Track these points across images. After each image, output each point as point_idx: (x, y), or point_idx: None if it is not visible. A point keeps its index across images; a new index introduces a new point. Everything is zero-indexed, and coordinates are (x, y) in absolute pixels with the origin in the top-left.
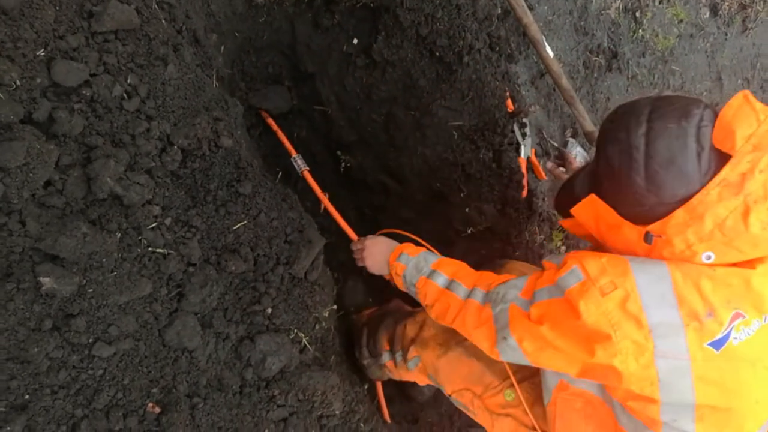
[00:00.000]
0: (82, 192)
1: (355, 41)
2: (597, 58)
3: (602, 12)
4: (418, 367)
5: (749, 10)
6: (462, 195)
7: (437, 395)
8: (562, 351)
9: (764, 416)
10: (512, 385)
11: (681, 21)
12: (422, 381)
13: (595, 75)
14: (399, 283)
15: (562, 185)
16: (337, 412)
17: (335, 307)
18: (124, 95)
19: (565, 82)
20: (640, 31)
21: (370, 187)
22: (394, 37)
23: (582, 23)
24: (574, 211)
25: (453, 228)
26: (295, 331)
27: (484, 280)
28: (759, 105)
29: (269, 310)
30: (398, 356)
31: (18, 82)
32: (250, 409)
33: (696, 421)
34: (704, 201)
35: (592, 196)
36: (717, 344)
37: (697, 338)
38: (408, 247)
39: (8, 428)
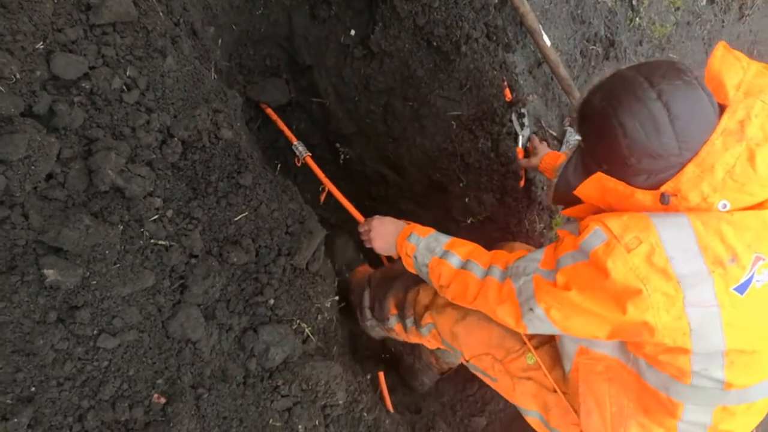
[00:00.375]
0: (83, 184)
1: (353, 32)
2: (594, 47)
3: (599, 0)
4: (431, 333)
5: None
6: (461, 185)
7: (438, 385)
8: (592, 313)
9: None
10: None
11: (678, 8)
12: (433, 345)
13: (593, 64)
14: (408, 264)
15: (555, 183)
16: (340, 402)
17: (337, 297)
18: (124, 87)
19: (562, 71)
20: (637, 19)
21: (369, 178)
22: (392, 28)
23: (579, 12)
24: (578, 191)
25: (452, 218)
26: (298, 321)
27: (499, 259)
28: (738, 53)
29: (271, 301)
30: (409, 321)
31: (18, 75)
32: (254, 399)
33: (726, 367)
34: (711, 152)
35: (599, 174)
36: (741, 288)
37: (723, 284)
38: (416, 227)
39: (15, 420)
